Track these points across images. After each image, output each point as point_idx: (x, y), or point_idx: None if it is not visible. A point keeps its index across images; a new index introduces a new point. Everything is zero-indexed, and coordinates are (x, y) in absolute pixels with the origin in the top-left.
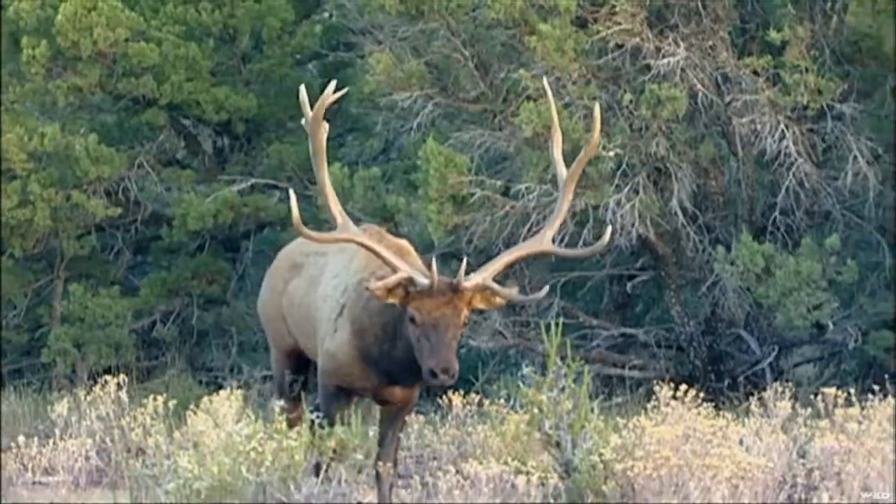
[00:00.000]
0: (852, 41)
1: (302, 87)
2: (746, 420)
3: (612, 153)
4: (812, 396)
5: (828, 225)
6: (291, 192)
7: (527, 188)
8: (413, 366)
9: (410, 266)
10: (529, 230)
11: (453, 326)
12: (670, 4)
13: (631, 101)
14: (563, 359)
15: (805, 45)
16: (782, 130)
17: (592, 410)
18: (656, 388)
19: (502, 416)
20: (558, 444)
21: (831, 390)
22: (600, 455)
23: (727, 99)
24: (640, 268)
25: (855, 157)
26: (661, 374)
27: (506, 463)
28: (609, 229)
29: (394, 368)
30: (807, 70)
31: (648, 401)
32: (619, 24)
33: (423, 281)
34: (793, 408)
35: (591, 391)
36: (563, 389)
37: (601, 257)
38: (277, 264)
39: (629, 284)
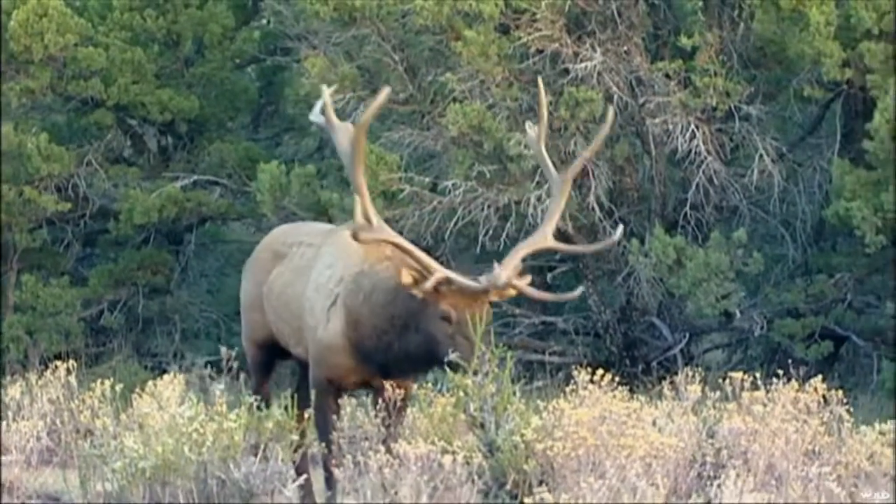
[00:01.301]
0: (758, 47)
1: (325, 88)
2: (659, 403)
3: (533, 152)
4: (720, 380)
5: (735, 219)
6: (357, 199)
7: (453, 184)
8: (418, 360)
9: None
10: (455, 224)
11: (483, 324)
12: (588, 12)
13: (551, 103)
14: (487, 345)
15: (714, 50)
16: (693, 130)
17: (514, 394)
18: (575, 373)
19: (430, 400)
20: (482, 426)
21: (738, 375)
22: (522, 435)
23: (641, 101)
24: (559, 259)
25: (761, 156)
26: (579, 360)
27: (433, 443)
28: (620, 229)
29: (391, 361)
30: (716, 74)
31: (567, 385)
32: (540, 30)
33: (468, 283)
34: (702, 391)
35: (514, 376)
36: (486, 374)
37: None
38: (259, 255)
39: (549, 275)
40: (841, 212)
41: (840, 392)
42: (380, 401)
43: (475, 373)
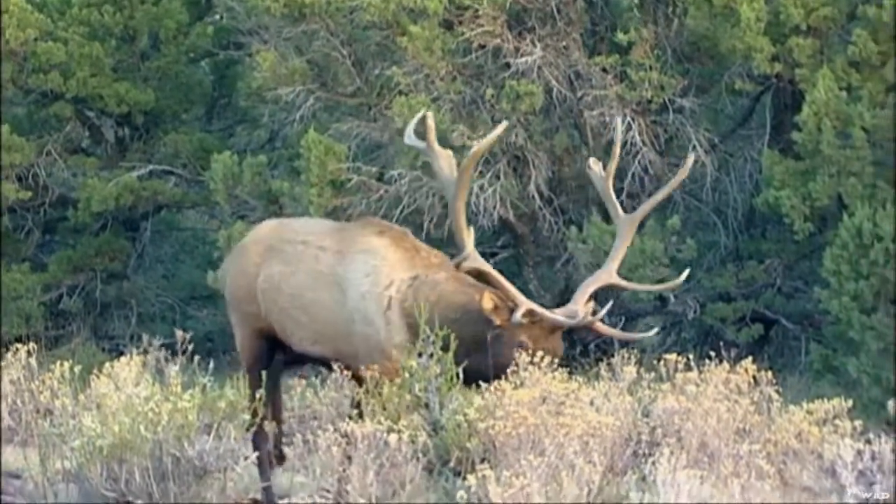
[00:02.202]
0: (691, 42)
1: (430, 115)
2: (596, 383)
3: (475, 143)
4: (655, 362)
5: (669, 207)
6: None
7: (399, 174)
8: (480, 376)
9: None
10: (401, 212)
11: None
12: (528, 8)
13: (493, 96)
14: (432, 328)
15: (649, 45)
16: (629, 122)
17: (458, 375)
18: (515, 355)
19: (377, 380)
20: (427, 405)
21: (672, 356)
22: (465, 415)
23: (579, 94)
24: (501, 246)
25: (694, 147)
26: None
27: (379, 422)
28: (686, 273)
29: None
30: (651, 68)
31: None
32: (482, 26)
33: (552, 317)
34: (638, 372)
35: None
36: (431, 356)
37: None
38: (249, 248)
39: (491, 261)
40: (771, 200)
41: (769, 373)
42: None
43: (420, 355)
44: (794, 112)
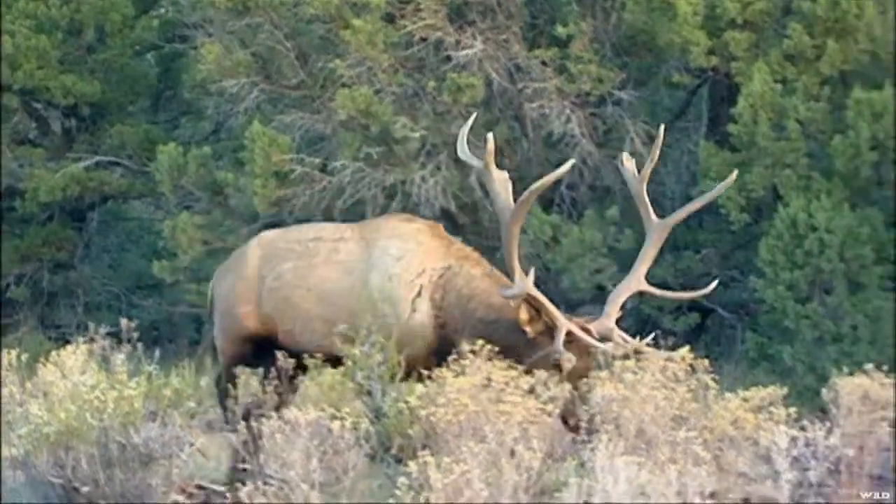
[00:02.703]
0: (629, 36)
1: (490, 136)
2: (536, 371)
3: (417, 134)
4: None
5: (608, 198)
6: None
7: (342, 165)
8: None
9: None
10: (344, 202)
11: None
12: (469, 2)
13: (434, 88)
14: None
15: (588, 38)
16: (568, 115)
17: (399, 363)
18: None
19: (320, 369)
20: (369, 393)
21: (610, 344)
22: (406, 402)
23: (519, 86)
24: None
25: (632, 139)
26: None
27: (322, 410)
28: (714, 283)
29: None
30: (589, 61)
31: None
32: (424, 19)
33: (590, 340)
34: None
35: None
36: (373, 344)
37: None
38: (248, 252)
39: None
40: (707, 191)
41: (706, 361)
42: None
43: (363, 343)
44: (731, 104)
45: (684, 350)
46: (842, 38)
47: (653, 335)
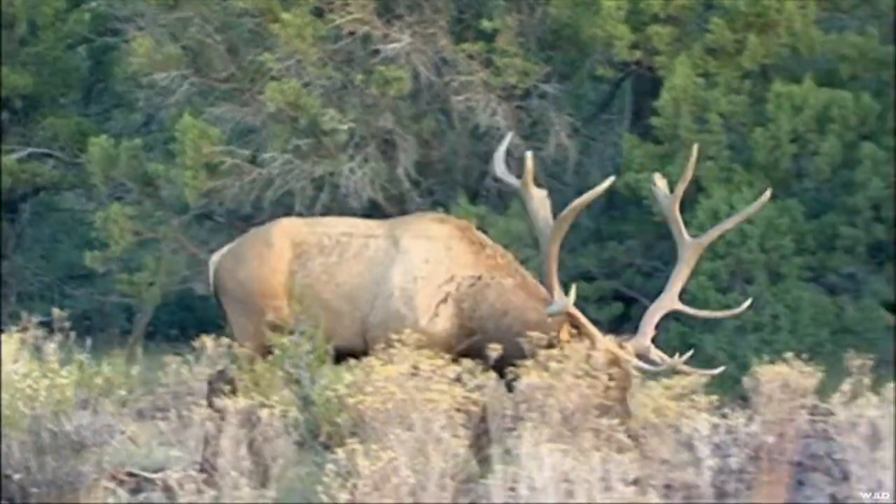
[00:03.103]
0: (554, 30)
1: (529, 156)
2: (462, 359)
3: (345, 126)
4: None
5: None
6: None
7: (271, 157)
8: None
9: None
10: (274, 193)
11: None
12: None
13: (362, 81)
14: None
15: (513, 32)
16: (494, 107)
17: (328, 352)
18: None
19: (249, 357)
20: (298, 382)
21: (535, 334)
22: (335, 390)
23: (446, 80)
24: None
25: (557, 131)
26: None
27: (252, 398)
28: (749, 301)
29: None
30: (515, 55)
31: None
32: (352, 13)
33: (631, 360)
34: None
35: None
36: (302, 333)
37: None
38: (277, 244)
39: None
40: (631, 183)
41: (630, 349)
42: None
43: (291, 332)
44: (654, 98)
45: (721, 369)
46: (762, 33)
47: (690, 353)
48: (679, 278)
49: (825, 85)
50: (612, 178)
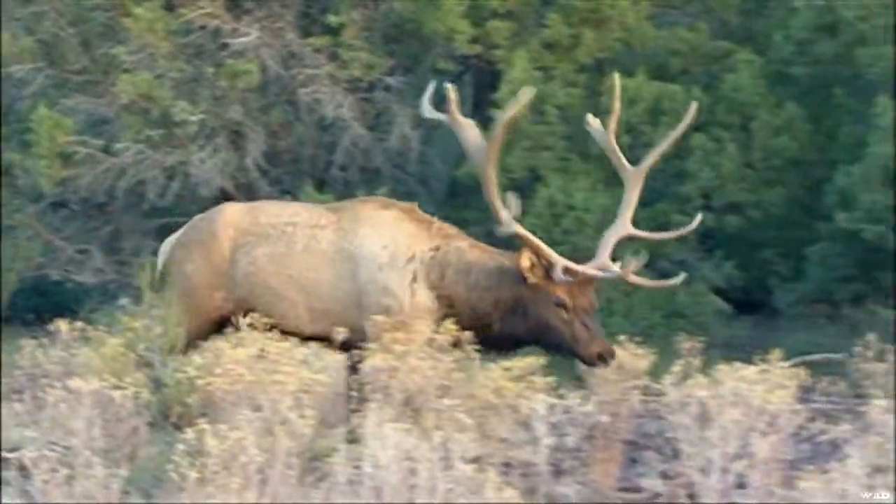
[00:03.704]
0: (398, 24)
1: (452, 87)
2: (309, 342)
3: (196, 117)
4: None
5: (378, 179)
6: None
7: (124, 147)
8: (521, 342)
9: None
10: (126, 183)
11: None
12: None
13: (212, 74)
14: (158, 290)
15: (359, 27)
16: (339, 100)
17: (178, 336)
18: (233, 319)
19: (103, 340)
20: (150, 364)
21: (379, 318)
22: (185, 373)
23: (293, 73)
24: None
25: (400, 122)
26: None
27: (105, 380)
28: (699, 217)
29: (490, 339)
30: (360, 48)
31: (225, 327)
32: (202, 8)
33: (589, 271)
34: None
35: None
36: (154, 317)
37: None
38: (218, 232)
39: None
40: (472, 172)
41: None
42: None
43: (144, 317)
44: (493, 90)
45: (681, 276)
46: (597, 28)
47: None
48: (630, 204)
49: (657, 78)
50: (533, 89)
